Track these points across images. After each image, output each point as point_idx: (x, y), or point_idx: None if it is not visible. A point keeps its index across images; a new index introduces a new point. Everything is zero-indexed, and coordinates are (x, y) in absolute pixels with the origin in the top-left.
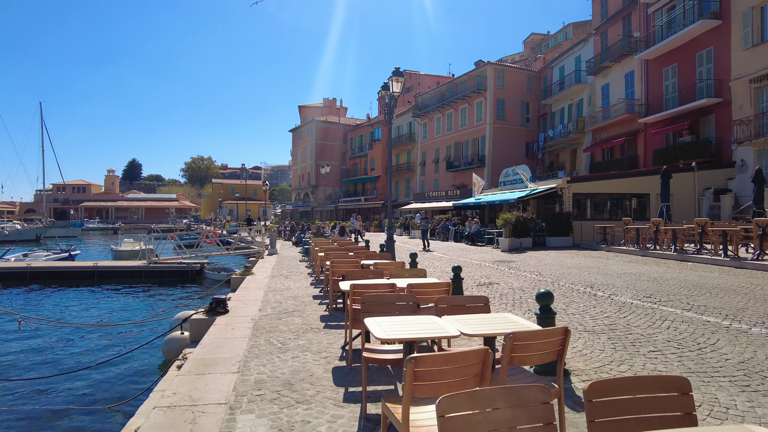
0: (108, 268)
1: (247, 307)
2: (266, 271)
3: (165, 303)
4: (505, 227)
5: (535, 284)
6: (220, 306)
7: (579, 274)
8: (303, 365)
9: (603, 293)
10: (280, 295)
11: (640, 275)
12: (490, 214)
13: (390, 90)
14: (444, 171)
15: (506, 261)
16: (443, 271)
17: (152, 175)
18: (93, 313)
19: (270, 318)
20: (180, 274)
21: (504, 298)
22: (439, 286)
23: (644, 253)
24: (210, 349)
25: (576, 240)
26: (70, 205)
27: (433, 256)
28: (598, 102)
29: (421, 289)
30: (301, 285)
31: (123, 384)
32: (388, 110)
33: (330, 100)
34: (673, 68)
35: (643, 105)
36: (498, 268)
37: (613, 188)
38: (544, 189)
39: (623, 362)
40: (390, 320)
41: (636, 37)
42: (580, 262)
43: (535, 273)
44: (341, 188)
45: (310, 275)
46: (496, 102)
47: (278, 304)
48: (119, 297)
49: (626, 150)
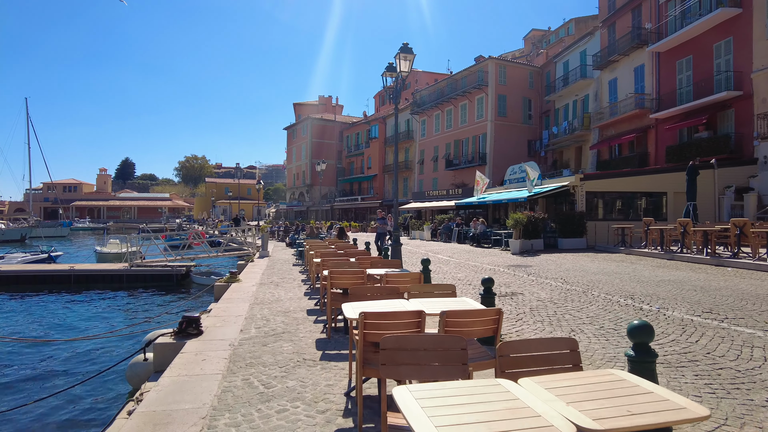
0: (86, 271)
1: (226, 326)
2: (255, 277)
3: (144, 311)
4: (515, 228)
5: (565, 294)
6: (191, 327)
7: (610, 282)
8: (292, 427)
9: (649, 306)
10: (268, 309)
11: (682, 283)
12: (494, 213)
13: (397, 69)
14: (443, 169)
15: (522, 266)
16: (455, 277)
17: (146, 174)
18: (64, 323)
19: (253, 343)
20: (164, 278)
21: (536, 314)
22: (486, 314)
23: (670, 257)
24: (167, 395)
25: (590, 242)
26: (59, 205)
27: (439, 259)
28: (605, 97)
29: (463, 320)
30: (293, 295)
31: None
32: (394, 94)
33: (326, 98)
34: (688, 60)
35: (654, 100)
36: (515, 274)
37: (630, 186)
38: (555, 187)
39: (746, 421)
40: (437, 392)
41: (647, 29)
42: (603, 266)
43: (560, 280)
44: (337, 187)
45: (304, 282)
46: (498, 98)
47: (265, 323)
48: (95, 304)
49: (636, 147)
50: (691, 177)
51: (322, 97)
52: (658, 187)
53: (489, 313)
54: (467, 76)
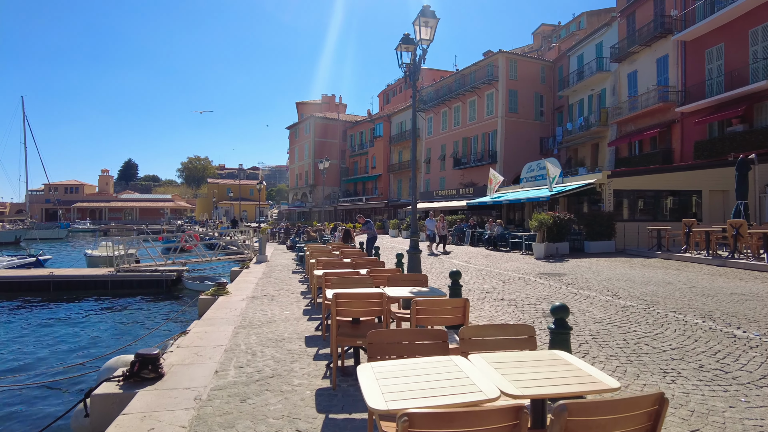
0: (66, 277)
1: (197, 364)
2: (247, 288)
3: (118, 331)
4: (539, 230)
5: (624, 313)
6: (146, 369)
7: (670, 296)
8: None
9: (743, 332)
10: (257, 336)
11: (762, 298)
12: (508, 214)
13: (417, 37)
14: (451, 168)
15: (553, 273)
16: (480, 289)
17: (148, 175)
18: (28, 340)
19: (228, 396)
20: (153, 284)
21: (602, 344)
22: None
23: (721, 263)
24: None
25: (618, 244)
26: (58, 206)
27: (455, 265)
28: (623, 91)
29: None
30: (290, 314)
31: None
32: (412, 70)
33: (329, 97)
34: (719, 49)
35: (679, 92)
36: (550, 284)
37: (661, 184)
38: (580, 185)
39: None
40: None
41: (672, 17)
42: (648, 274)
43: (608, 293)
44: (340, 187)
45: (304, 295)
46: (509, 93)
47: (250, 358)
48: (71, 316)
49: (659, 143)
50: (741, 173)
51: (325, 96)
52: (691, 185)
53: None
54: (476, 71)
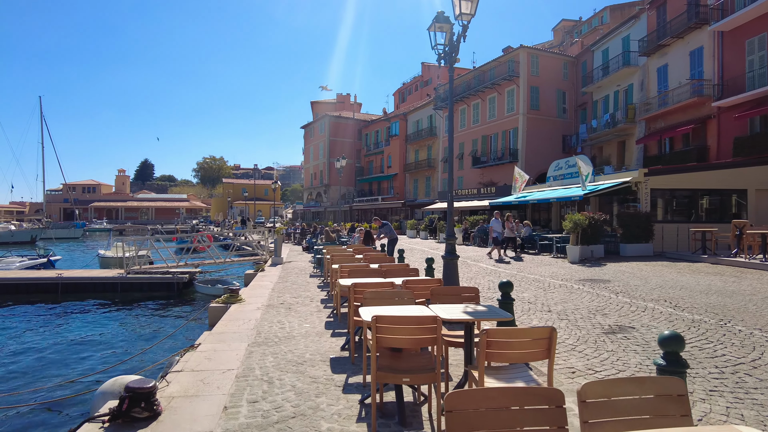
0: (74, 279)
1: (202, 396)
2: (262, 295)
3: (129, 334)
4: (574, 231)
5: (699, 331)
6: (137, 407)
7: (743, 308)
8: None
9: None
10: (273, 356)
11: None
12: (533, 214)
13: (457, 11)
14: (469, 167)
15: (596, 279)
16: (519, 297)
17: (164, 175)
18: (29, 348)
19: None
20: (164, 286)
21: (692, 371)
22: None
23: None
24: None
25: (656, 247)
26: (75, 205)
27: (483, 269)
28: (652, 86)
29: None
30: (310, 327)
31: None
32: (448, 49)
33: (343, 96)
34: (761, 39)
35: (716, 86)
36: (596, 292)
37: (702, 183)
38: (614, 184)
39: None
40: None
41: (709, 6)
42: (706, 282)
43: (666, 304)
44: (355, 187)
45: (324, 304)
46: (530, 90)
47: (267, 389)
48: (76, 322)
49: (692, 140)
50: None
51: (339, 95)
52: (735, 184)
53: None
54: (496, 67)
